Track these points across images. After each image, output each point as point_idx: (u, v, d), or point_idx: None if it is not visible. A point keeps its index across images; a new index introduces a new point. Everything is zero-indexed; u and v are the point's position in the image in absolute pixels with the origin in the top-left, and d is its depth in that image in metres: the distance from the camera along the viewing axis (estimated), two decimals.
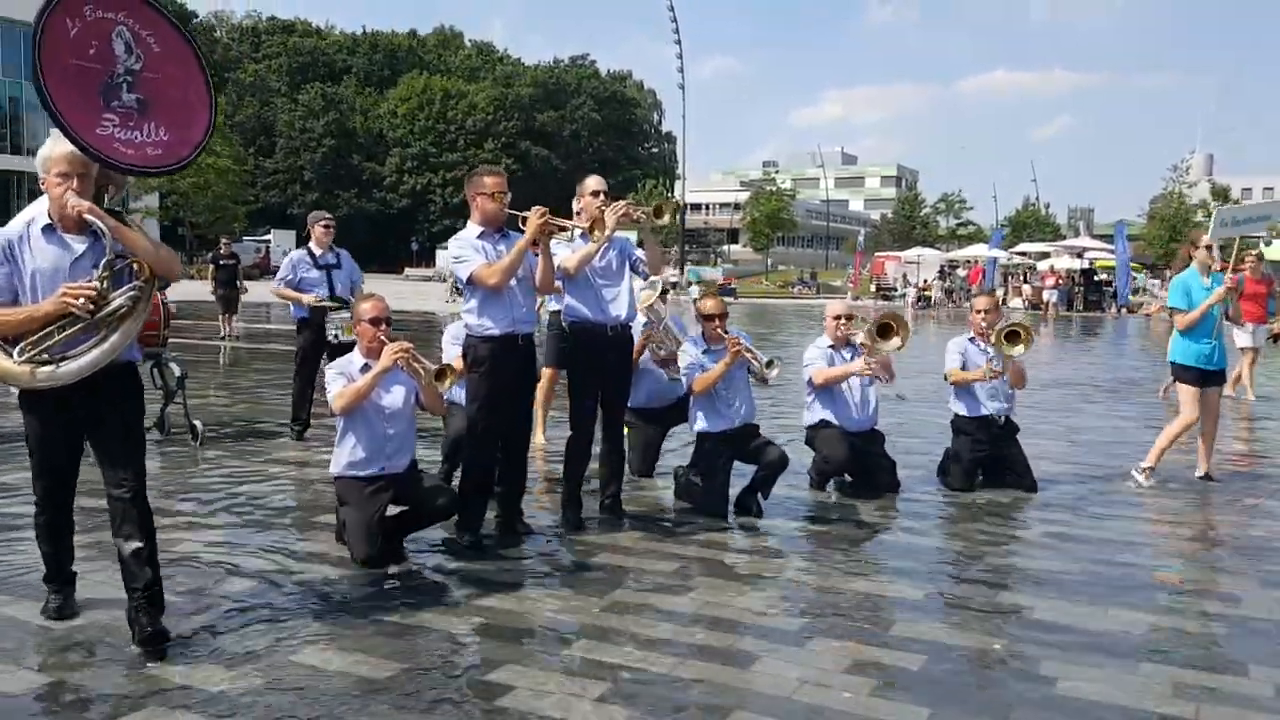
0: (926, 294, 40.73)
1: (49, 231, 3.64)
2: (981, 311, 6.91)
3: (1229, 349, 7.17)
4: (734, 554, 5.21)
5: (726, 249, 76.47)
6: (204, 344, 16.21)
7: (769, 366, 5.88)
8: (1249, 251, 11.47)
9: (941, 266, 45.63)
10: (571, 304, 5.55)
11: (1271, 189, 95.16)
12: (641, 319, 6.75)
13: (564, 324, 5.64)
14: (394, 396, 4.91)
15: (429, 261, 59.83)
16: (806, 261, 72.69)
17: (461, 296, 5.26)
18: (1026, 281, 41.77)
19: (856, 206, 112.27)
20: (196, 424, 7.76)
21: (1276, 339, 12.35)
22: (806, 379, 6.66)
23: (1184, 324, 6.96)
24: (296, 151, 70.51)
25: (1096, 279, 39.79)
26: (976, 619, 4.27)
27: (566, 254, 5.39)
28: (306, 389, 8.09)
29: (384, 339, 4.81)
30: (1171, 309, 7.08)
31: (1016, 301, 38.52)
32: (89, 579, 4.34)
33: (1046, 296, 36.64)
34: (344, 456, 4.86)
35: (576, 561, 4.99)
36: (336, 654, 3.70)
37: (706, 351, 6.03)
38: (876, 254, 56.13)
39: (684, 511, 5.99)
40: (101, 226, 3.55)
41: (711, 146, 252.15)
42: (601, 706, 3.33)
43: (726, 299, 6.34)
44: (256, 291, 20.17)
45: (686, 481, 6.17)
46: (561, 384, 7.76)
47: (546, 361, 7.38)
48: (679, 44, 53.34)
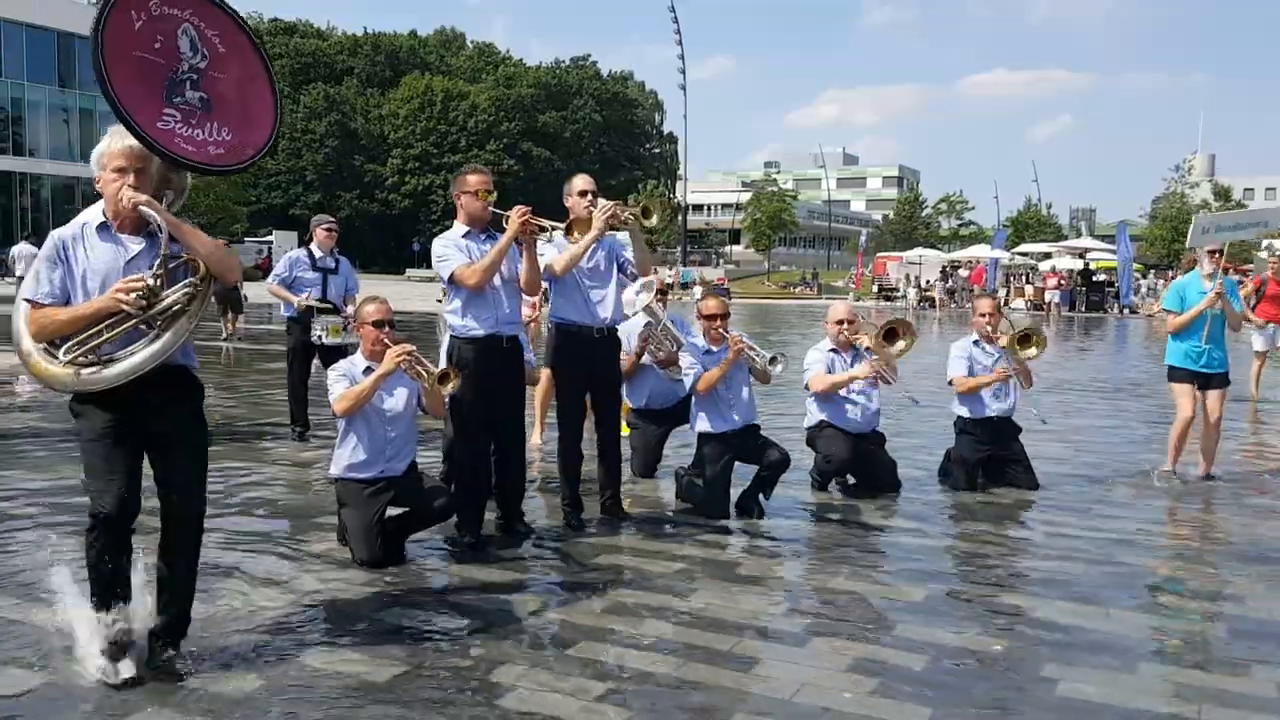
0: (929, 295, 40.70)
1: (104, 230, 3.48)
2: (985, 315, 6.91)
3: (1233, 355, 7.25)
4: (735, 555, 5.21)
5: (728, 250, 76.46)
6: (205, 344, 16.22)
7: (772, 363, 5.86)
8: (1241, 268, 11.52)
9: (943, 267, 45.60)
10: (558, 305, 5.54)
11: (1274, 189, 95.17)
12: (642, 319, 6.74)
13: (549, 324, 5.63)
14: (396, 399, 4.91)
15: (430, 262, 59.84)
16: (808, 262, 72.63)
17: (445, 296, 5.25)
18: (1029, 282, 41.75)
19: (858, 207, 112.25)
20: None
21: None
22: (805, 383, 6.65)
23: (1172, 326, 7.19)
24: (298, 152, 70.55)
25: (1096, 279, 39.78)
26: (978, 619, 4.26)
27: (554, 254, 5.38)
28: (299, 389, 8.10)
29: (387, 341, 4.81)
30: (1165, 310, 7.23)
31: (1019, 302, 38.49)
32: (86, 583, 4.34)
33: (1049, 297, 36.63)
34: (344, 458, 4.86)
35: (577, 562, 4.99)
36: (337, 655, 3.70)
37: (708, 352, 6.03)
38: (878, 255, 56.09)
39: (685, 512, 5.99)
40: (158, 219, 3.38)
41: (712, 147, 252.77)
42: (602, 707, 3.32)
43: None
44: (258, 292, 20.17)
45: (688, 482, 6.17)
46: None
47: (546, 362, 7.37)
48: (680, 44, 53.38)
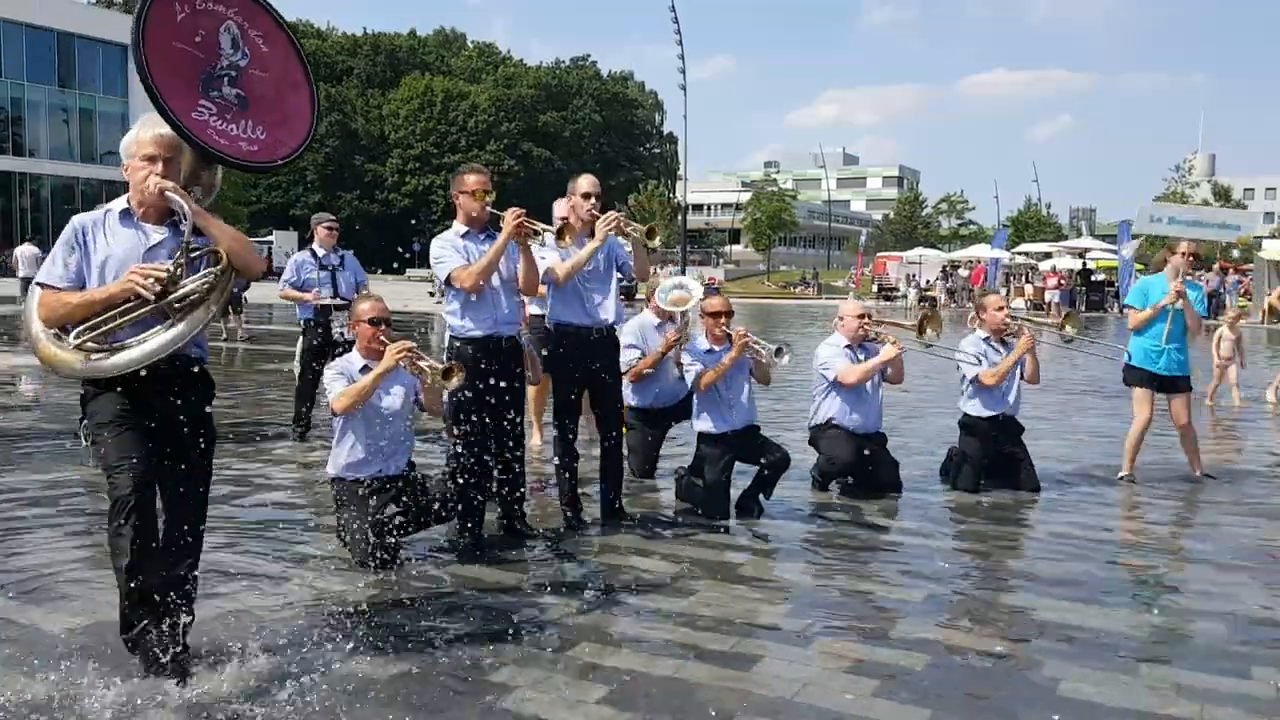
0: (930, 295, 40.66)
1: (126, 217, 3.45)
2: (1002, 309, 6.92)
3: (1192, 360, 7.22)
4: (735, 555, 5.20)
5: (728, 249, 76.48)
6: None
7: (778, 354, 5.83)
8: (1241, 267, 11.50)
9: (944, 267, 45.59)
10: (556, 307, 5.54)
11: (1274, 189, 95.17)
12: (653, 319, 6.73)
13: (548, 325, 5.63)
14: (393, 397, 4.91)
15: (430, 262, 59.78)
16: (808, 262, 72.63)
17: (444, 297, 5.26)
18: (1029, 281, 41.73)
19: (858, 207, 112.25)
20: None
21: None
22: (828, 380, 6.60)
23: (1134, 322, 7.15)
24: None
25: (1095, 279, 39.78)
26: (979, 620, 4.26)
27: (556, 260, 5.38)
28: (309, 389, 8.12)
29: (384, 339, 4.81)
30: (1125, 306, 7.18)
31: (1019, 302, 38.48)
32: (92, 583, 4.35)
33: (1049, 297, 36.62)
34: (342, 458, 4.86)
35: (577, 562, 4.99)
36: (336, 655, 3.69)
37: (709, 351, 6.02)
38: (878, 254, 56.08)
39: (685, 512, 5.99)
40: (184, 206, 3.36)
41: (713, 147, 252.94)
42: (602, 708, 3.32)
43: None
44: (259, 292, 20.16)
45: (687, 482, 6.17)
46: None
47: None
48: (680, 44, 53.32)
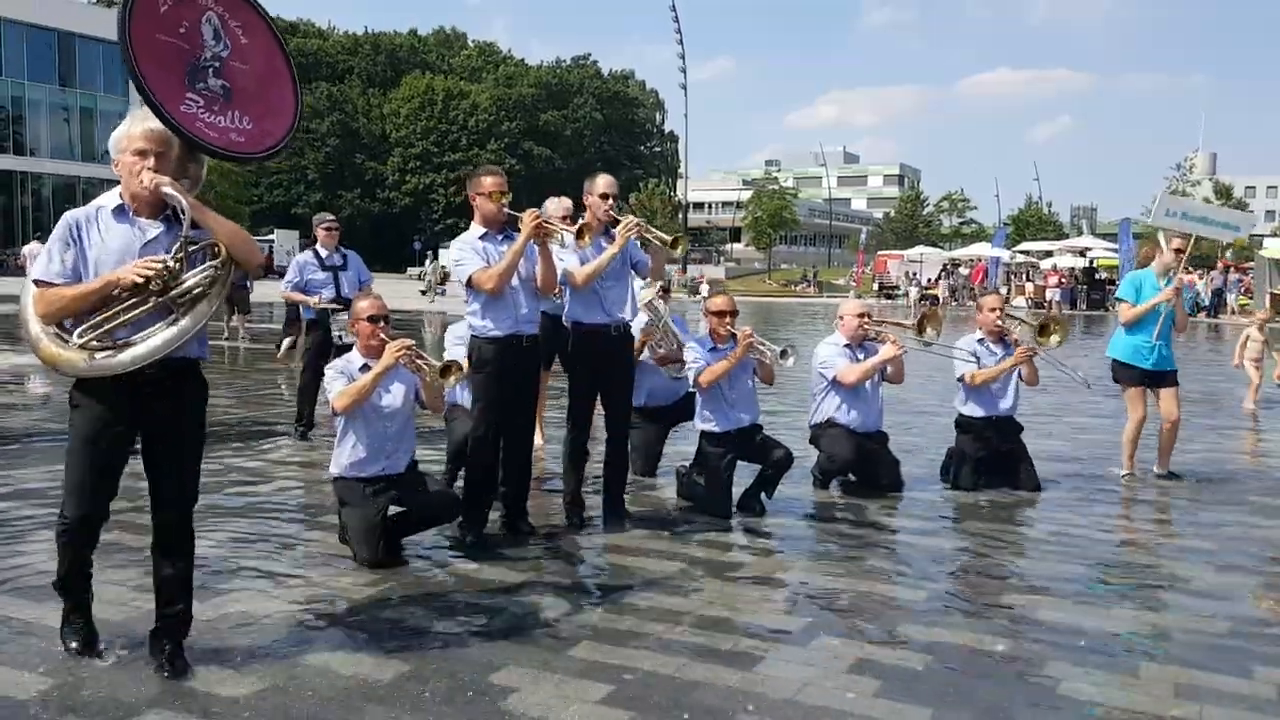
0: (931, 293, 40.62)
1: (120, 213, 3.40)
2: (995, 310, 6.90)
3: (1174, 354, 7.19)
4: (737, 554, 5.21)
5: (728, 248, 76.46)
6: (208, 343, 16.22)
7: (783, 355, 5.83)
8: (1242, 266, 11.39)
9: (944, 265, 45.57)
10: (574, 306, 5.55)
11: (1275, 188, 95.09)
12: (643, 317, 6.75)
13: (566, 324, 5.65)
14: (393, 395, 4.91)
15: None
16: (809, 260, 72.64)
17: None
18: (1030, 280, 41.72)
19: (859, 205, 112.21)
20: None
21: None
22: (830, 379, 6.57)
23: (1128, 317, 7.02)
24: (300, 151, 70.54)
25: (1098, 278, 39.77)
26: (979, 619, 4.26)
27: (574, 264, 5.40)
28: (310, 388, 8.13)
29: (384, 337, 4.82)
30: (1118, 299, 7.08)
31: (1020, 300, 38.48)
32: (92, 581, 4.35)
33: (1050, 295, 36.60)
34: (344, 457, 4.86)
35: (579, 562, 5.00)
36: (338, 655, 3.70)
37: (713, 349, 6.01)
38: (879, 253, 56.08)
39: (687, 511, 5.99)
40: (181, 201, 3.32)
41: (713, 148, 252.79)
42: (604, 708, 3.33)
43: None
44: (260, 291, 20.19)
45: (689, 481, 6.17)
46: (556, 385, 7.77)
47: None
48: (681, 44, 53.35)
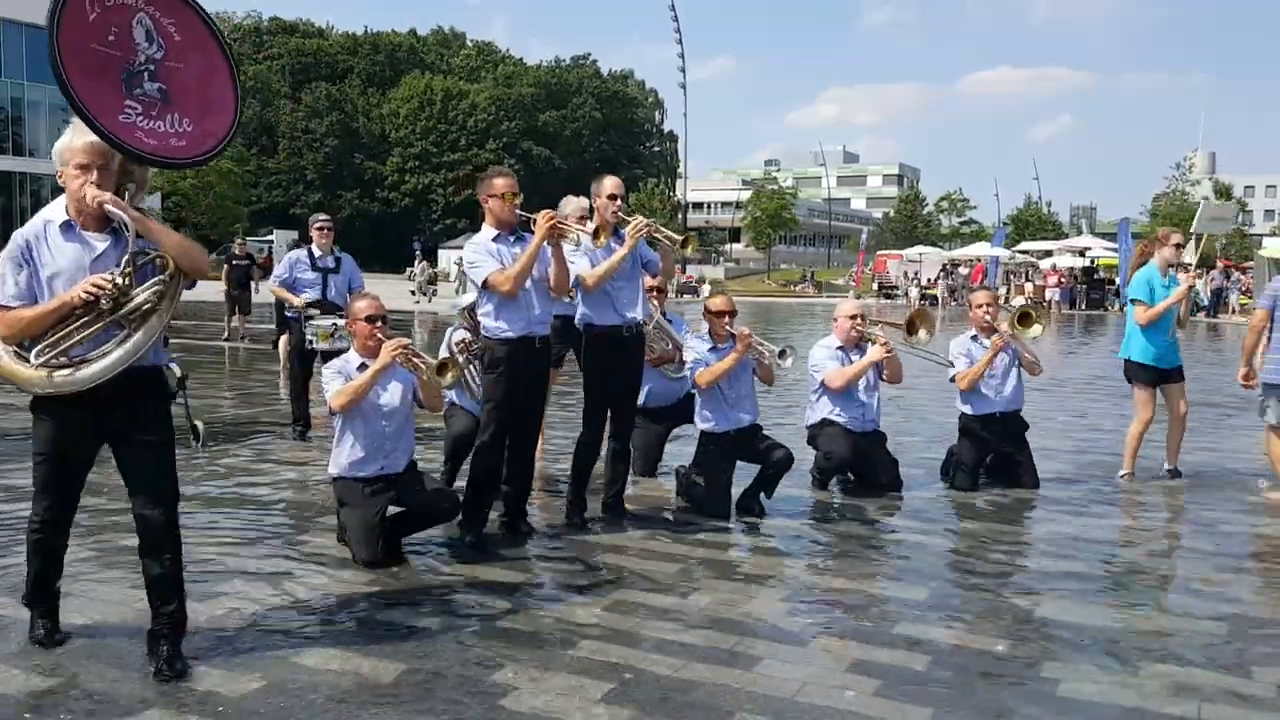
0: (931, 293, 40.63)
1: (67, 229, 3.43)
2: (983, 306, 6.89)
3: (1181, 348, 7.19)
4: (736, 554, 5.21)
5: (728, 248, 76.42)
6: (207, 344, 16.23)
7: (782, 356, 5.84)
8: (1242, 265, 11.40)
9: (944, 265, 45.58)
10: (587, 308, 5.55)
11: (1274, 187, 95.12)
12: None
13: (579, 326, 5.65)
14: (391, 394, 4.91)
15: (431, 261, 59.84)
16: (808, 260, 72.68)
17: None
18: (1029, 280, 41.75)
19: (858, 205, 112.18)
20: (198, 425, 7.76)
21: None
22: (819, 382, 6.62)
23: (1145, 318, 6.93)
24: (299, 152, 70.54)
25: (1097, 277, 39.79)
26: (979, 619, 4.26)
27: (585, 266, 5.40)
28: (300, 388, 8.12)
29: (381, 336, 4.82)
30: (1133, 300, 7.01)
31: (1019, 300, 38.46)
32: (91, 582, 4.35)
33: (1049, 295, 36.63)
34: (343, 457, 4.86)
35: (579, 562, 4.99)
36: (337, 655, 3.70)
37: (713, 349, 6.01)
38: (879, 252, 56.07)
39: (686, 511, 5.99)
40: (125, 219, 3.34)
41: (713, 147, 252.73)
42: (604, 707, 3.32)
43: None
44: (259, 291, 20.20)
45: (689, 481, 6.17)
46: (555, 385, 7.76)
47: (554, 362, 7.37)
48: (680, 43, 53.33)
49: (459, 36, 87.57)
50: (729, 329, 5.95)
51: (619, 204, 5.49)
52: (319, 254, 8.08)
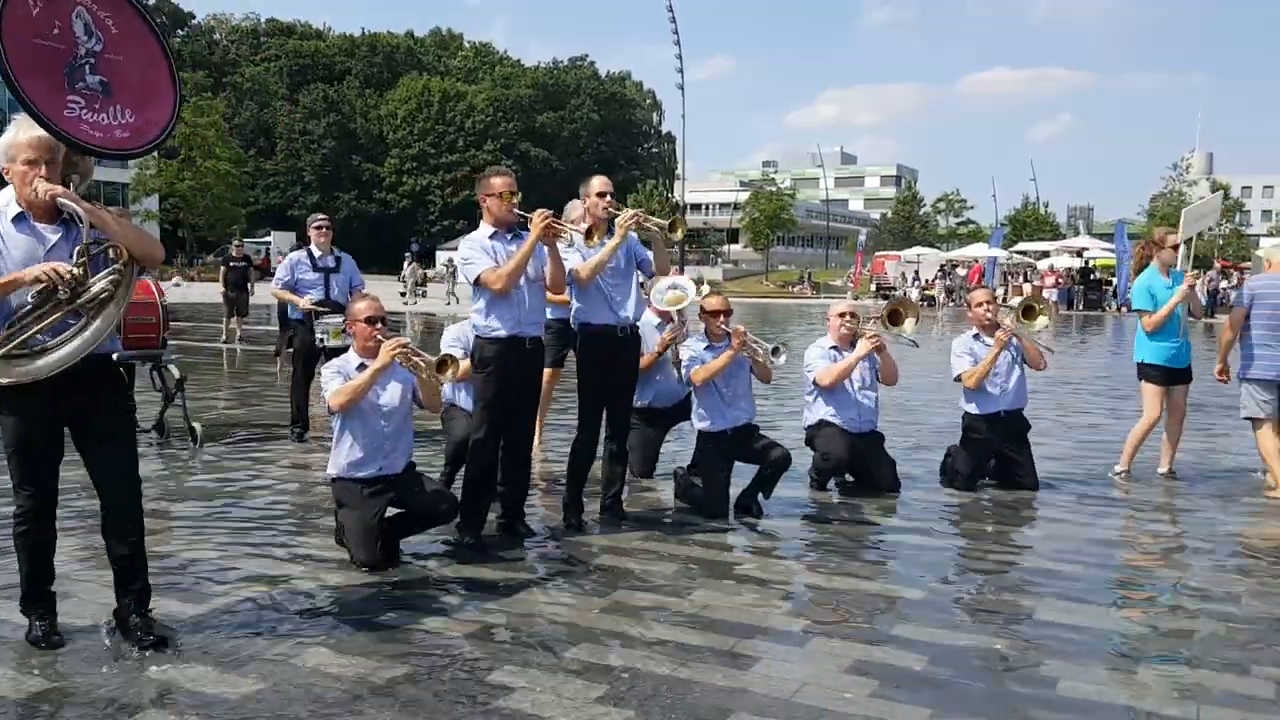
0: (929, 293, 40.65)
1: (19, 221, 3.50)
2: (983, 304, 6.90)
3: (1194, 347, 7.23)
4: (734, 555, 5.20)
5: (726, 249, 76.45)
6: (205, 346, 16.22)
7: (774, 354, 5.86)
8: (1241, 265, 11.44)
9: (941, 266, 45.62)
10: (581, 306, 5.55)
11: (1271, 187, 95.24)
12: (653, 318, 6.74)
13: (574, 326, 5.64)
14: (390, 394, 4.91)
15: (429, 262, 59.81)
16: (806, 261, 72.72)
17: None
18: (1027, 280, 41.78)
19: (856, 206, 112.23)
20: (195, 426, 7.75)
21: None
22: (811, 381, 6.64)
23: (1150, 325, 7.04)
24: (296, 153, 70.55)
25: (1094, 278, 39.83)
26: (978, 619, 4.26)
27: (578, 261, 5.39)
28: (301, 389, 8.11)
29: (380, 337, 4.82)
30: (1138, 311, 7.12)
31: (1016, 300, 38.49)
32: (87, 584, 4.34)
33: (1047, 296, 36.63)
34: (342, 457, 4.85)
35: (577, 563, 4.98)
36: (336, 657, 3.69)
37: (709, 347, 6.02)
38: (876, 253, 56.11)
39: (684, 512, 5.98)
40: (77, 210, 3.43)
41: (710, 148, 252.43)
42: (602, 708, 3.32)
43: None
44: (257, 293, 20.19)
45: (687, 482, 6.16)
46: (556, 386, 7.76)
47: (550, 362, 7.36)
48: (678, 44, 53.33)
49: (456, 38, 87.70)
50: (724, 328, 5.96)
51: (609, 200, 5.50)
52: (319, 254, 8.09)
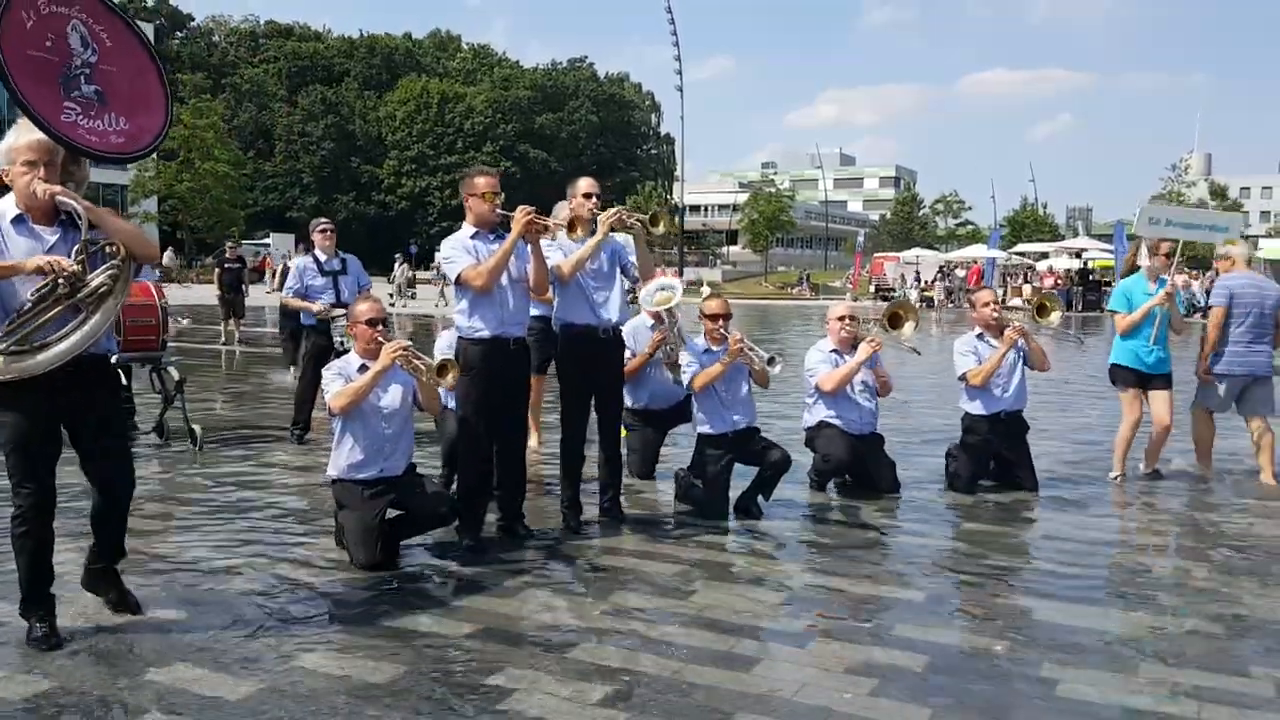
0: (929, 295, 40.64)
1: (19, 222, 3.61)
2: (989, 304, 6.91)
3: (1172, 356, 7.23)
4: (734, 556, 5.21)
5: (725, 250, 76.45)
6: (204, 348, 16.22)
7: (770, 363, 5.86)
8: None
9: (941, 267, 45.63)
10: (563, 307, 5.55)
11: (1270, 188, 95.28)
12: (645, 320, 6.75)
13: (555, 327, 5.64)
14: (391, 396, 4.91)
15: (428, 264, 59.82)
16: (805, 262, 72.68)
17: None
18: (1026, 281, 41.79)
19: (855, 207, 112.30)
20: (195, 428, 7.75)
21: None
22: (813, 385, 6.63)
23: (1122, 327, 7.15)
24: (295, 155, 70.50)
25: (1093, 279, 39.83)
26: (977, 620, 4.26)
27: (560, 258, 5.39)
28: (308, 392, 8.12)
29: (381, 339, 4.82)
30: (1111, 312, 7.19)
31: (1016, 301, 38.51)
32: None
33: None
34: (342, 459, 4.86)
35: (576, 564, 4.99)
36: (336, 658, 3.69)
37: (707, 351, 6.02)
38: (875, 255, 56.11)
39: (684, 513, 5.99)
40: (76, 208, 3.54)
41: (710, 148, 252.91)
42: (602, 710, 3.32)
43: None
44: (256, 295, 20.20)
45: (687, 483, 6.17)
46: (551, 388, 7.76)
47: (536, 367, 7.36)
48: (677, 46, 53.33)
49: (455, 39, 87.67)
50: (723, 332, 5.97)
51: (595, 201, 5.49)
52: (324, 258, 8.11)
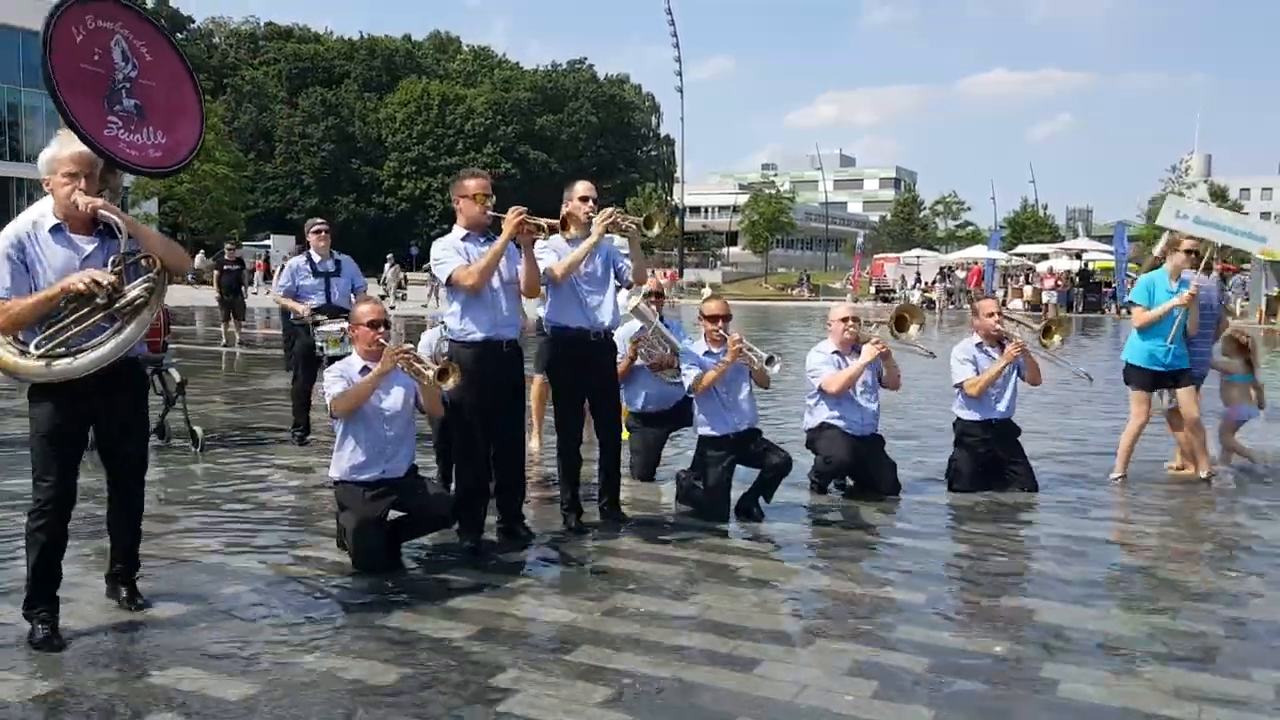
0: (929, 296, 40.64)
1: (57, 232, 3.70)
2: (993, 315, 6.90)
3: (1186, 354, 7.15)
4: (735, 558, 5.20)
5: (725, 252, 76.48)
6: (205, 349, 16.22)
7: (769, 363, 5.86)
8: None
9: (941, 268, 45.63)
10: (555, 310, 5.54)
11: (1270, 189, 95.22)
12: (635, 324, 6.75)
13: (545, 329, 5.64)
14: (393, 398, 4.92)
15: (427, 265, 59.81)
16: (805, 264, 72.73)
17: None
18: (1027, 282, 41.81)
19: (855, 208, 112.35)
20: (197, 430, 7.76)
21: None
22: (816, 387, 6.63)
23: (1140, 321, 7.01)
24: (295, 156, 70.53)
25: (1093, 280, 39.86)
26: (978, 622, 4.27)
27: (553, 260, 5.39)
28: (303, 393, 8.11)
29: (382, 341, 4.82)
30: (1129, 303, 7.07)
31: (1016, 303, 38.54)
32: (91, 588, 4.35)
33: (1046, 298, 36.69)
34: (344, 461, 4.86)
35: (577, 566, 4.99)
36: (337, 660, 3.70)
37: (708, 353, 6.03)
38: (875, 256, 56.14)
39: (685, 515, 5.99)
40: (116, 221, 3.65)
41: (710, 149, 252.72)
42: (603, 712, 3.32)
43: None
44: (255, 296, 20.23)
45: (688, 485, 6.17)
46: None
47: (538, 368, 7.37)
48: (677, 46, 53.37)
49: (455, 40, 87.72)
50: (723, 333, 5.97)
51: (591, 205, 5.49)
52: (318, 259, 8.08)
